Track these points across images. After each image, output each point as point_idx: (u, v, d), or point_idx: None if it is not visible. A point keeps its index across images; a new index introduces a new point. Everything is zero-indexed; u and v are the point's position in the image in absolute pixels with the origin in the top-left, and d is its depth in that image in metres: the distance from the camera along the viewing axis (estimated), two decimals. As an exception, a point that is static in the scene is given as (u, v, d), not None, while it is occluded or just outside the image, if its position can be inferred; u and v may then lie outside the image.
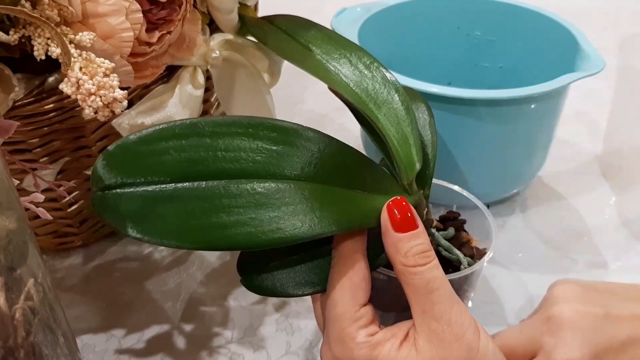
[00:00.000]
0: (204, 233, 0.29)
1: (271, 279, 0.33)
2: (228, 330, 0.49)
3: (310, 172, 0.31)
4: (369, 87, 0.39)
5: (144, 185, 0.30)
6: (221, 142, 0.31)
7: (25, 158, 0.44)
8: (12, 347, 0.27)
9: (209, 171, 0.30)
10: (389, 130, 0.36)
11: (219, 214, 0.29)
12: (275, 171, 0.31)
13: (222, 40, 0.49)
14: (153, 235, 0.29)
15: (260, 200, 0.29)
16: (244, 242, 0.29)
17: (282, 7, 0.52)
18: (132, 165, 0.30)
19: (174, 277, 0.54)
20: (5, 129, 0.33)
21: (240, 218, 0.29)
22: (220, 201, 0.29)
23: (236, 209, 0.29)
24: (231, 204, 0.29)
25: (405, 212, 0.31)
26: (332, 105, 0.77)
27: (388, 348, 0.30)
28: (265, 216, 0.29)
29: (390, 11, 0.60)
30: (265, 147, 0.31)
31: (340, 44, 0.43)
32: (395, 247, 0.30)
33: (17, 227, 0.29)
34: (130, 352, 0.47)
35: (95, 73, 0.34)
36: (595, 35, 0.57)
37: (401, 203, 0.31)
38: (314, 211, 0.29)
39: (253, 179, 0.30)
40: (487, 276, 0.52)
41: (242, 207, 0.29)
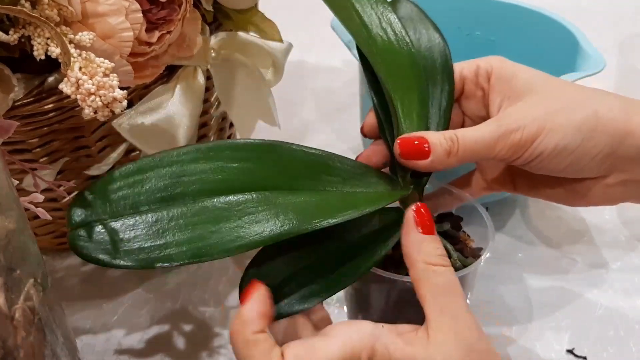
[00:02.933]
0: (168, 250, 0.31)
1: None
2: (228, 330, 0.49)
3: (276, 181, 0.34)
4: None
5: (111, 220, 0.32)
6: (185, 167, 0.33)
7: (25, 158, 0.44)
8: (12, 347, 0.27)
9: (171, 196, 0.33)
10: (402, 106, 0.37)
11: (183, 232, 0.31)
12: (238, 186, 0.33)
13: (223, 39, 0.49)
14: (123, 260, 0.31)
15: (221, 214, 0.32)
16: (207, 253, 0.31)
17: (282, 7, 0.52)
18: (100, 203, 0.33)
19: (173, 277, 0.53)
20: (5, 129, 0.33)
21: (202, 233, 0.31)
22: (184, 220, 0.32)
23: (199, 225, 0.31)
24: (193, 221, 0.31)
25: (428, 217, 0.33)
26: (332, 105, 0.77)
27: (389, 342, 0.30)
28: (225, 228, 0.31)
29: (390, 11, 0.60)
30: (227, 166, 0.34)
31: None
32: (419, 246, 0.32)
33: (17, 227, 0.29)
34: (130, 352, 0.47)
35: (95, 73, 0.34)
36: (595, 35, 0.57)
37: (426, 207, 0.33)
38: (278, 216, 0.31)
39: (215, 196, 0.33)
40: (487, 276, 0.52)
41: (203, 223, 0.31)
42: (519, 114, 0.35)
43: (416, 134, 0.35)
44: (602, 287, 0.51)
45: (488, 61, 0.38)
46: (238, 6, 0.49)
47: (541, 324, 0.48)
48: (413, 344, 0.30)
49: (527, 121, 0.34)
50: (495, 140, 0.34)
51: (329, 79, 0.82)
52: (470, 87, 0.39)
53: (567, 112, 0.34)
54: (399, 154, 0.35)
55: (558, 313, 0.49)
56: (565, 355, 0.46)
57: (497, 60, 0.38)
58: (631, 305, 0.50)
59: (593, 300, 0.50)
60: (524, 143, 0.34)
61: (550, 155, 0.34)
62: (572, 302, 0.50)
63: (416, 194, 0.37)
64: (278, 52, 0.52)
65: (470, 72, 0.39)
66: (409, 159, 0.35)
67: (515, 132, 0.34)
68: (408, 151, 0.35)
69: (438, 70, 0.39)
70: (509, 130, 0.34)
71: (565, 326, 0.48)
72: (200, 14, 0.47)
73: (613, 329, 0.48)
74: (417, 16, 0.43)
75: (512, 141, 0.34)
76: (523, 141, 0.34)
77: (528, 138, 0.34)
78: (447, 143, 0.34)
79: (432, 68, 0.39)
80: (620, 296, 0.51)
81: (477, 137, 0.35)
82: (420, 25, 0.42)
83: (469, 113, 0.40)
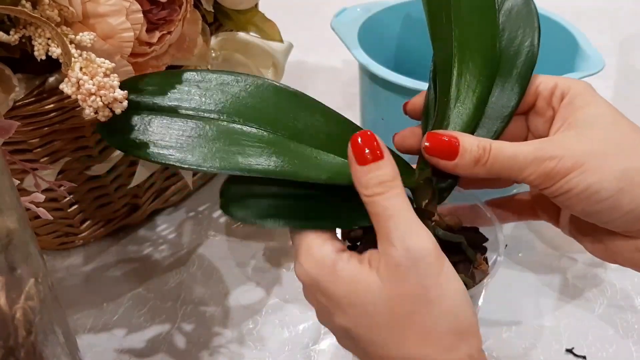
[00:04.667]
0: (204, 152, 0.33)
1: (251, 205, 0.33)
2: (228, 330, 0.49)
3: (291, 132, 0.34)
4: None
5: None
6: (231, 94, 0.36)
7: (26, 158, 0.44)
8: (13, 347, 0.27)
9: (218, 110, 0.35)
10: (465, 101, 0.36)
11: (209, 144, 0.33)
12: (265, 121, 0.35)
13: (223, 39, 0.49)
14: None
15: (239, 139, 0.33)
16: (222, 167, 0.32)
17: (282, 7, 0.52)
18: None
19: (174, 277, 0.54)
20: (6, 129, 0.33)
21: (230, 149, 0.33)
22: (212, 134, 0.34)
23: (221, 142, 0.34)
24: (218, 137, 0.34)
25: (369, 143, 0.31)
26: (332, 105, 0.77)
27: (349, 261, 0.31)
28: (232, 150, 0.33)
29: (390, 11, 0.60)
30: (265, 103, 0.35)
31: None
32: (359, 180, 0.31)
33: (18, 227, 0.29)
34: (130, 352, 0.47)
35: (96, 73, 0.34)
36: (595, 35, 0.57)
37: (366, 134, 0.31)
38: (280, 154, 0.33)
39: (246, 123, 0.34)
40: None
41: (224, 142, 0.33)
42: (563, 143, 0.33)
43: (450, 132, 0.34)
44: (602, 286, 0.51)
45: (568, 83, 0.35)
46: (238, 6, 0.49)
47: (541, 323, 0.48)
48: (361, 268, 0.31)
49: (566, 153, 0.32)
50: (528, 163, 0.32)
51: (329, 79, 0.82)
52: (541, 104, 0.36)
53: (613, 156, 0.32)
54: (425, 147, 0.33)
55: (558, 312, 0.49)
56: (564, 355, 0.46)
57: (578, 86, 0.35)
58: (631, 305, 0.50)
59: (593, 300, 0.50)
60: (554, 174, 0.32)
61: (579, 195, 0.32)
62: (572, 302, 0.50)
63: (429, 189, 0.35)
64: (278, 53, 0.53)
65: (546, 89, 0.36)
66: (433, 155, 0.33)
67: (550, 161, 0.32)
68: (435, 146, 0.33)
69: (513, 78, 0.36)
70: (545, 157, 0.32)
71: (564, 326, 0.48)
72: (201, 15, 0.47)
73: (612, 329, 0.48)
74: (524, 10, 0.38)
75: (544, 169, 0.32)
76: (555, 172, 0.32)
77: (561, 170, 0.32)
78: (478, 151, 0.32)
79: (508, 73, 0.37)
80: (620, 296, 0.51)
81: (511, 155, 0.32)
82: (520, 23, 0.38)
83: (533, 129, 0.37)
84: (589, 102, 0.34)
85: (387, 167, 0.31)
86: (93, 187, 0.51)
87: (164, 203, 0.59)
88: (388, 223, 0.30)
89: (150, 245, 0.57)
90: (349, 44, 0.54)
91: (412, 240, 0.29)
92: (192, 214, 0.60)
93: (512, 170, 0.33)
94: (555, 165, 0.32)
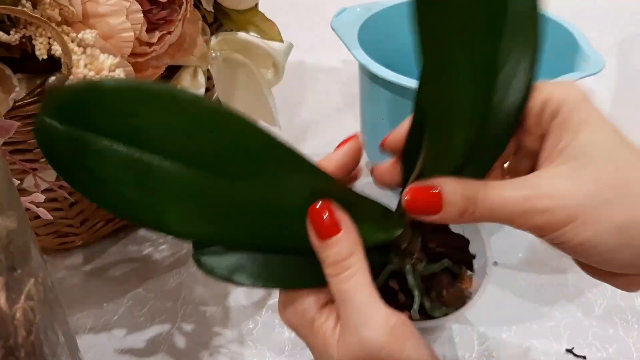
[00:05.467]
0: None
1: (224, 260, 0.30)
2: (228, 330, 0.49)
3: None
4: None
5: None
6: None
7: (26, 158, 0.44)
8: (13, 347, 0.27)
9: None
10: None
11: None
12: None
13: (223, 39, 0.49)
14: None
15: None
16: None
17: (282, 7, 0.52)
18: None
19: (174, 277, 0.54)
20: (6, 129, 0.33)
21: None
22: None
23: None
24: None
25: (323, 215, 0.29)
26: (332, 105, 0.77)
27: (327, 321, 0.30)
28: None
29: (390, 11, 0.60)
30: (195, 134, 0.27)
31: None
32: (319, 255, 0.30)
33: (18, 227, 0.29)
34: (131, 351, 0.47)
35: (102, 69, 0.34)
36: (595, 35, 0.57)
37: (324, 203, 0.29)
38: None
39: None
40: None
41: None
42: (554, 188, 0.29)
43: (430, 181, 0.30)
44: (602, 286, 0.51)
45: (561, 96, 0.30)
46: (238, 6, 0.49)
47: (541, 323, 0.49)
48: (332, 336, 0.30)
49: (558, 203, 0.28)
50: (517, 215, 0.29)
51: (329, 79, 0.82)
52: (531, 124, 0.32)
53: (613, 205, 0.28)
54: (406, 202, 0.30)
55: (557, 312, 0.49)
56: (564, 355, 0.46)
57: (571, 98, 0.30)
58: (631, 304, 0.50)
59: (592, 300, 0.50)
60: (547, 227, 0.29)
61: (574, 248, 0.29)
62: (572, 302, 0.50)
63: (409, 232, 0.33)
64: (278, 53, 0.52)
65: (535, 106, 0.31)
66: (416, 212, 0.30)
67: (542, 215, 0.28)
68: (416, 200, 0.30)
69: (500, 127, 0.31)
70: (535, 210, 0.29)
71: (564, 325, 0.48)
72: (201, 15, 0.47)
73: (612, 329, 0.48)
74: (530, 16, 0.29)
75: (535, 223, 0.29)
76: (547, 226, 0.29)
77: (553, 224, 0.28)
78: (462, 202, 0.29)
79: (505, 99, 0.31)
80: (620, 296, 0.51)
81: (499, 205, 0.29)
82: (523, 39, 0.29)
83: (525, 145, 0.33)
84: (583, 124, 0.30)
85: (343, 243, 0.29)
86: (93, 187, 0.51)
87: (164, 203, 0.59)
88: (344, 307, 0.29)
89: (150, 245, 0.57)
90: (349, 44, 0.54)
91: (366, 331, 0.28)
92: (192, 214, 0.60)
93: (501, 220, 0.30)
94: (546, 220, 0.28)
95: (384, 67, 0.50)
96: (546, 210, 0.28)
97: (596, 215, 0.28)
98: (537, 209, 0.28)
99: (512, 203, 0.29)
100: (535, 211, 0.28)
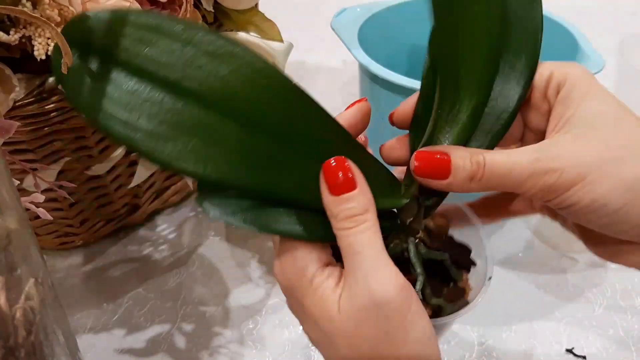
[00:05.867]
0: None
1: (229, 203, 0.29)
2: (228, 330, 0.49)
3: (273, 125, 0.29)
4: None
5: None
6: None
7: (26, 158, 0.44)
8: (13, 347, 0.27)
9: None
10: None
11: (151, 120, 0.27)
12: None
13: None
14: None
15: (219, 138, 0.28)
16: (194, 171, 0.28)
17: (282, 7, 0.52)
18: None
19: (174, 277, 0.54)
20: (6, 129, 0.33)
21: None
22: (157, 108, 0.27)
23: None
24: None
25: (342, 171, 0.29)
26: (332, 105, 0.77)
27: (327, 280, 0.30)
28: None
29: (390, 11, 0.60)
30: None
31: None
32: (330, 210, 0.29)
33: (18, 227, 0.29)
34: (130, 351, 0.47)
35: None
36: (595, 35, 0.57)
37: (340, 160, 0.30)
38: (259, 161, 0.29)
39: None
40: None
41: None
42: (562, 151, 0.29)
43: (439, 148, 0.31)
44: (602, 286, 0.51)
45: (565, 70, 0.32)
46: (238, 6, 0.49)
47: (541, 323, 0.49)
48: (333, 294, 0.29)
49: (568, 163, 0.29)
50: (526, 177, 0.29)
51: (329, 79, 0.82)
52: (537, 98, 0.33)
53: (622, 163, 0.28)
54: (414, 168, 0.31)
55: (557, 312, 0.49)
56: (564, 355, 0.46)
57: (575, 73, 0.32)
58: (631, 304, 0.50)
59: (592, 300, 0.50)
60: (556, 188, 0.29)
61: (584, 209, 0.29)
62: (572, 302, 0.50)
63: (414, 206, 0.33)
64: (278, 53, 0.52)
65: (540, 81, 0.32)
66: (424, 176, 0.31)
67: (551, 175, 0.29)
68: (425, 166, 0.30)
69: (517, 71, 0.32)
70: (544, 170, 0.29)
71: (564, 325, 0.48)
72: (201, 15, 0.47)
73: (612, 329, 0.48)
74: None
75: (545, 183, 0.29)
76: (556, 186, 0.29)
77: (563, 184, 0.29)
78: (472, 167, 0.30)
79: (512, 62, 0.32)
80: (620, 296, 0.51)
81: (507, 168, 0.30)
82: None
83: (531, 126, 0.34)
84: (587, 95, 0.31)
85: (359, 199, 0.29)
86: (93, 187, 0.52)
87: (164, 203, 0.59)
88: (353, 259, 0.29)
89: (150, 245, 0.57)
90: (349, 44, 0.54)
91: (375, 283, 0.28)
92: (192, 214, 0.60)
93: (510, 185, 0.30)
94: (556, 179, 0.29)
95: (384, 67, 0.50)
96: (556, 170, 0.29)
97: (605, 173, 0.28)
98: (547, 168, 0.29)
99: (521, 165, 0.29)
100: (545, 171, 0.29)
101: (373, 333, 0.28)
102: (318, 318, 0.30)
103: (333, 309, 0.29)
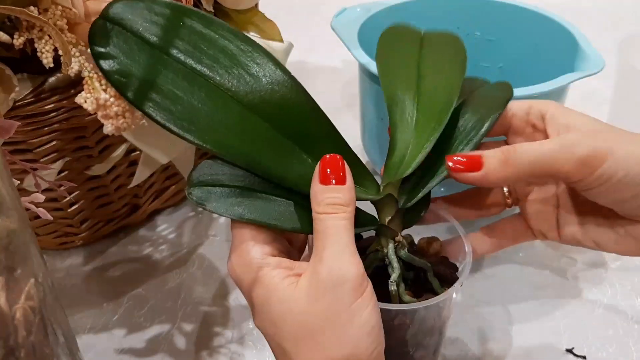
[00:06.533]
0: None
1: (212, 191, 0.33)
2: (228, 330, 0.49)
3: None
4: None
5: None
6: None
7: (26, 158, 0.44)
8: (13, 347, 0.27)
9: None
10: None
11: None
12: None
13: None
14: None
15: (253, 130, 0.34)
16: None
17: (282, 7, 0.52)
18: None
19: (174, 277, 0.54)
20: (6, 129, 0.33)
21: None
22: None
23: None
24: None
25: (337, 167, 0.32)
26: (331, 105, 0.77)
27: (275, 268, 0.31)
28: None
29: (390, 11, 0.60)
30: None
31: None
32: (315, 197, 0.32)
33: (18, 227, 0.29)
34: (131, 351, 0.47)
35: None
36: (595, 35, 0.57)
37: (336, 157, 0.33)
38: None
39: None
40: (487, 275, 0.52)
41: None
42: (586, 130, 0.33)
43: (468, 154, 0.34)
44: (602, 286, 0.52)
45: (543, 103, 0.36)
46: (238, 6, 0.49)
47: (541, 323, 0.49)
48: (282, 278, 0.31)
49: (596, 139, 0.31)
50: (558, 152, 0.31)
51: (329, 79, 0.82)
52: (518, 124, 0.37)
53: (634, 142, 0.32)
54: (449, 168, 0.33)
55: (557, 312, 0.49)
56: (564, 355, 0.46)
57: (553, 103, 0.36)
58: (631, 304, 0.50)
59: (592, 300, 0.50)
60: (590, 161, 0.31)
61: (617, 184, 0.31)
62: (572, 302, 0.50)
63: (392, 206, 0.35)
64: (278, 52, 0.52)
65: (520, 110, 0.37)
66: (460, 171, 0.33)
67: (585, 147, 0.31)
68: (458, 163, 0.33)
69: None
70: (575, 143, 0.31)
71: (564, 325, 0.48)
72: (201, 15, 0.47)
73: (612, 329, 0.48)
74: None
75: (579, 157, 0.31)
76: (590, 159, 0.31)
77: (597, 156, 0.31)
78: (502, 154, 0.32)
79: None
80: (620, 296, 0.51)
81: (537, 149, 0.32)
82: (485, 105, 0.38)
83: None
84: (571, 113, 0.35)
85: (345, 193, 0.32)
86: (93, 187, 0.52)
87: (164, 203, 0.59)
88: (324, 241, 0.31)
89: (150, 245, 0.57)
90: (349, 44, 0.54)
91: (338, 263, 0.30)
92: (192, 214, 0.60)
93: (543, 164, 0.32)
94: (589, 152, 0.31)
95: (384, 67, 0.50)
96: (588, 145, 0.31)
97: (629, 148, 0.31)
98: (577, 142, 0.31)
99: (550, 144, 0.32)
100: (576, 143, 0.31)
101: (325, 310, 0.30)
102: (265, 307, 0.31)
103: (284, 292, 0.31)
